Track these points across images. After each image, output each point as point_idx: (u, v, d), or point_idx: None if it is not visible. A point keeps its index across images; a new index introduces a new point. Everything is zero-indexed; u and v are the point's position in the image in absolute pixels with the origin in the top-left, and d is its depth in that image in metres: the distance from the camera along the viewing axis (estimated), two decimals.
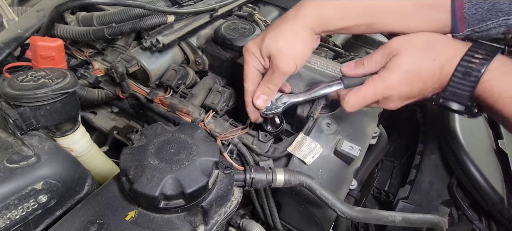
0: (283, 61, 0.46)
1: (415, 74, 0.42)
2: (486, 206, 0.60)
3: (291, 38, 0.47)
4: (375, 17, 0.46)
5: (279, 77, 0.48)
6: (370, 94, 0.44)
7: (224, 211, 0.43)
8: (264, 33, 0.49)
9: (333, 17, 0.46)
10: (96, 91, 0.64)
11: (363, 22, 0.46)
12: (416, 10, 0.44)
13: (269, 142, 0.56)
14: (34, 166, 0.40)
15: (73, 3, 0.57)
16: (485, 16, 0.42)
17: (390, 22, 0.46)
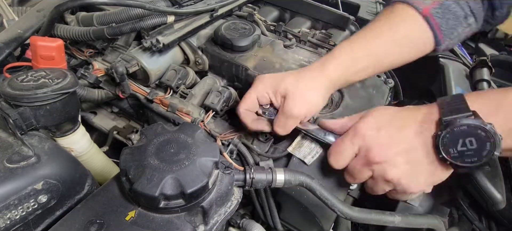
0: (295, 104, 0.47)
1: (391, 114, 0.43)
2: (486, 206, 0.59)
3: (311, 86, 0.48)
4: (379, 64, 0.52)
5: (286, 120, 0.48)
6: (345, 144, 0.44)
7: (224, 211, 0.43)
8: (287, 74, 0.50)
9: (351, 73, 0.50)
10: (96, 91, 0.64)
11: (371, 72, 0.53)
12: (408, 43, 0.51)
13: (269, 142, 0.56)
14: (34, 166, 0.40)
15: (73, 3, 0.57)
16: (453, 24, 0.50)
17: (390, 63, 0.53)
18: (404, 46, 0.51)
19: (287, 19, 0.97)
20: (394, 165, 0.41)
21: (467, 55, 1.16)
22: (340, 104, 0.59)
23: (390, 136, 0.42)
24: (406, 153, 0.41)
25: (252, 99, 0.50)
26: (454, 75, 0.82)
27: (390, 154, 0.41)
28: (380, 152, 0.41)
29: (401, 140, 0.41)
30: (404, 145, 0.41)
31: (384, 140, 0.42)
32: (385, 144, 0.41)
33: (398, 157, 0.41)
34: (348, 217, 0.45)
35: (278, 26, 0.80)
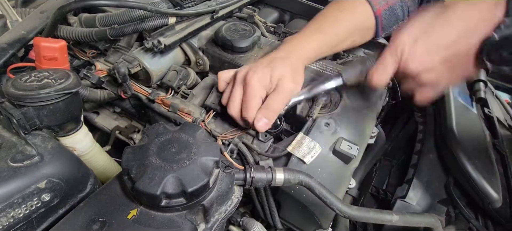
0: (287, 81, 0.53)
1: (427, 22, 0.44)
2: (482, 205, 0.60)
3: (290, 67, 0.55)
4: (335, 47, 0.64)
5: (283, 98, 0.53)
6: (387, 60, 0.46)
7: (225, 209, 0.43)
8: (261, 68, 0.53)
9: (315, 53, 0.61)
10: (98, 92, 0.65)
11: (330, 52, 0.65)
12: (358, 33, 0.65)
13: (269, 141, 0.57)
14: (38, 165, 0.41)
15: (76, 4, 0.58)
16: (392, 24, 0.65)
17: (342, 48, 0.66)
18: (355, 35, 0.63)
19: (287, 21, 0.98)
20: (431, 71, 0.43)
21: None
22: (339, 105, 0.59)
23: (427, 46, 0.43)
24: (442, 61, 0.42)
25: (258, 105, 0.52)
26: None
27: (427, 64, 0.43)
28: (417, 64, 0.43)
29: (438, 50, 0.42)
30: (442, 53, 0.42)
31: (420, 51, 0.43)
32: (422, 55, 0.43)
33: (435, 65, 0.43)
34: (346, 215, 0.45)
35: (278, 28, 0.81)
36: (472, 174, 0.58)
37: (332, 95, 0.62)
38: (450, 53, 0.42)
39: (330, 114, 0.58)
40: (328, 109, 0.59)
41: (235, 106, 0.53)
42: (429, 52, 0.43)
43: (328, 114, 0.58)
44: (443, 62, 0.43)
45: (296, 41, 0.60)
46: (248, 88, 0.52)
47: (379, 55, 0.49)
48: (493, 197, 0.57)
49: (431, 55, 0.43)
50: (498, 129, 0.72)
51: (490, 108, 0.78)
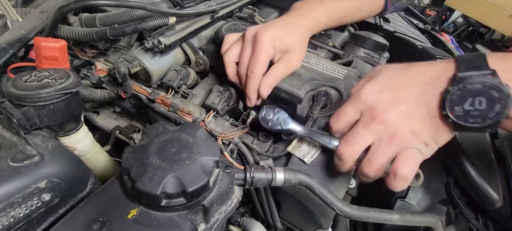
0: (296, 57, 0.55)
1: (391, 76, 0.43)
2: (482, 205, 0.60)
3: (300, 37, 0.56)
4: (344, 20, 0.69)
5: (288, 71, 0.56)
6: (347, 107, 0.44)
7: (225, 209, 0.43)
8: (273, 28, 0.54)
9: (324, 22, 0.62)
10: (98, 92, 0.65)
11: (338, 23, 0.69)
12: (367, 6, 0.71)
13: (269, 141, 0.57)
14: (38, 164, 0.41)
15: (76, 4, 0.58)
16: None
17: (350, 21, 0.72)
18: (364, 10, 0.67)
19: None
20: (396, 122, 0.39)
21: None
22: (339, 104, 0.59)
23: (392, 95, 0.41)
24: (408, 109, 0.39)
25: (266, 59, 0.53)
26: None
27: (392, 111, 0.40)
28: (383, 110, 0.40)
29: (404, 98, 0.40)
30: (407, 103, 0.40)
31: (386, 99, 0.41)
32: (387, 102, 0.40)
33: (400, 113, 0.39)
34: (347, 215, 0.45)
35: None
36: (472, 174, 0.58)
37: (332, 95, 0.61)
38: (411, 105, 0.40)
39: (331, 114, 0.57)
40: (328, 109, 0.59)
41: (243, 64, 0.54)
42: (394, 102, 0.40)
43: (328, 114, 0.58)
44: (407, 113, 0.40)
45: (306, 8, 0.60)
46: (258, 44, 0.52)
47: None
48: (493, 197, 0.57)
49: (396, 104, 0.40)
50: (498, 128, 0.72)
51: None
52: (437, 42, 1.21)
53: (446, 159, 0.66)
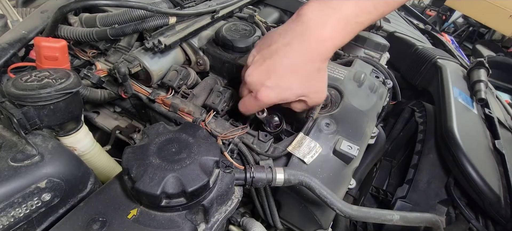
0: (319, 99, 0.49)
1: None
2: (483, 205, 0.60)
3: (322, 82, 0.48)
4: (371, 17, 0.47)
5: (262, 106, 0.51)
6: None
7: (225, 209, 0.43)
8: (278, 87, 0.46)
9: (341, 44, 0.47)
10: (99, 91, 0.65)
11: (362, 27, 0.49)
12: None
13: (269, 141, 0.57)
14: (38, 164, 0.41)
15: (77, 4, 0.58)
16: None
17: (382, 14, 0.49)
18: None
19: None
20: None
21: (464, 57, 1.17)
22: (339, 105, 0.59)
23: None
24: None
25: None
26: (452, 76, 0.83)
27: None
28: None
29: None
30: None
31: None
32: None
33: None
34: (347, 215, 0.45)
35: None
36: (472, 174, 0.58)
37: (332, 95, 0.61)
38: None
39: (331, 115, 0.57)
40: (329, 109, 0.59)
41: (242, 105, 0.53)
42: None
43: (329, 114, 0.58)
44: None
45: (320, 21, 0.43)
46: (259, 103, 0.48)
47: None
48: (493, 197, 0.57)
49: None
50: (498, 129, 0.72)
51: (490, 108, 0.78)
52: (437, 42, 1.21)
53: (446, 159, 0.66)
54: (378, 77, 0.68)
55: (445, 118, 0.69)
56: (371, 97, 0.62)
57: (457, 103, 0.73)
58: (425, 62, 0.94)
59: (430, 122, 0.77)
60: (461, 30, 3.31)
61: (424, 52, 0.97)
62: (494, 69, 1.94)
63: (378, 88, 0.65)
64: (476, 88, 0.80)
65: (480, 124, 0.73)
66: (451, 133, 0.64)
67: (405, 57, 1.03)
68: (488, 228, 0.62)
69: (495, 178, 0.60)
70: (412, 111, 0.86)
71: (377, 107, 0.62)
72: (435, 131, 0.73)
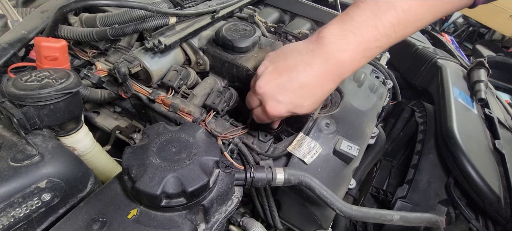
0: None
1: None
2: (483, 205, 0.60)
3: (320, 101, 0.48)
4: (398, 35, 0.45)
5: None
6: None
7: (225, 209, 0.43)
8: (289, 99, 0.45)
9: (359, 67, 0.46)
10: (99, 91, 0.65)
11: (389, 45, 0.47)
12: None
13: (269, 141, 0.57)
14: (38, 164, 0.41)
15: (77, 4, 0.58)
16: None
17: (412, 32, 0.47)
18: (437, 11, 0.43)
19: (287, 21, 0.98)
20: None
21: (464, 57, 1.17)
22: (339, 105, 0.59)
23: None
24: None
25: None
26: (452, 76, 0.83)
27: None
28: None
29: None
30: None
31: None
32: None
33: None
34: (347, 215, 0.45)
35: (278, 28, 0.81)
36: (472, 174, 0.58)
37: (333, 96, 0.61)
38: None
39: (331, 115, 0.57)
40: (329, 109, 0.59)
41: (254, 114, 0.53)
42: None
43: (329, 114, 0.58)
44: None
45: (339, 46, 0.43)
46: (268, 116, 0.48)
47: None
48: (493, 197, 0.57)
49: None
50: (498, 129, 0.72)
51: (490, 108, 0.78)
52: (437, 42, 1.21)
53: (446, 159, 0.66)
54: (378, 77, 0.68)
55: (445, 118, 0.69)
56: (371, 97, 0.62)
57: (457, 103, 0.73)
58: (425, 62, 0.94)
59: (430, 122, 0.77)
60: (461, 30, 3.31)
61: (424, 52, 0.97)
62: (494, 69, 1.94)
63: (378, 88, 0.65)
64: (476, 88, 0.80)
65: (480, 124, 0.73)
66: (451, 133, 0.64)
67: (405, 57, 1.03)
68: (488, 228, 0.62)
69: (495, 178, 0.60)
70: (412, 111, 0.86)
71: (377, 107, 0.62)
72: (435, 131, 0.73)
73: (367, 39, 0.42)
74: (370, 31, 0.42)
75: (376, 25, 0.41)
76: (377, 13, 0.41)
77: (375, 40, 0.42)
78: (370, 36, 0.42)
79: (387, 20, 0.41)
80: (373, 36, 0.42)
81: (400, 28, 0.42)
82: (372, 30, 0.42)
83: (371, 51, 0.43)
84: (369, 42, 0.42)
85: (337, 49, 0.43)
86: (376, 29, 0.42)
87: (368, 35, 0.42)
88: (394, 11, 0.41)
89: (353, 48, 0.42)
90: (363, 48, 0.43)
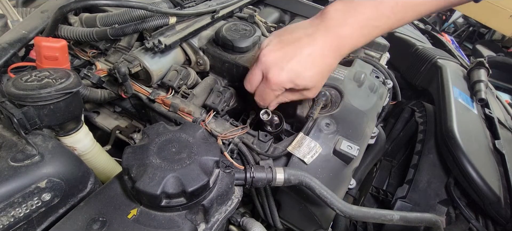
0: (313, 92, 0.51)
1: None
2: (483, 205, 0.60)
3: (323, 72, 0.49)
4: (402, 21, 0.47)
5: (300, 99, 0.53)
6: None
7: (225, 209, 0.43)
8: (291, 65, 0.46)
9: (357, 45, 0.48)
10: (99, 91, 0.65)
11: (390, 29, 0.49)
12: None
13: (269, 141, 0.57)
14: (38, 164, 0.41)
15: (77, 4, 0.58)
16: None
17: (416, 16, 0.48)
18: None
19: (287, 21, 0.98)
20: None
21: (464, 57, 1.17)
22: (339, 105, 0.59)
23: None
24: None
25: (276, 100, 0.52)
26: (452, 76, 0.83)
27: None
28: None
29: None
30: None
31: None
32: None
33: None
34: (347, 215, 0.45)
35: (278, 28, 0.81)
36: (472, 174, 0.58)
37: (332, 95, 0.61)
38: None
39: (331, 115, 0.57)
40: (329, 109, 0.59)
41: (255, 92, 0.52)
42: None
43: (329, 114, 0.58)
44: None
45: (342, 19, 0.45)
46: (270, 85, 0.48)
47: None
48: (493, 197, 0.57)
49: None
50: (498, 129, 0.72)
51: (490, 108, 0.78)
52: (437, 42, 1.21)
53: (446, 159, 0.66)
54: (378, 77, 0.68)
55: (445, 118, 0.69)
56: (371, 97, 0.62)
57: (457, 103, 0.73)
58: (425, 62, 0.94)
59: (430, 122, 0.77)
60: (461, 30, 3.31)
61: (424, 52, 0.97)
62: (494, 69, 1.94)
63: (378, 88, 0.65)
64: (476, 89, 0.80)
65: (480, 124, 0.73)
66: (451, 133, 0.64)
67: (405, 57, 1.03)
68: (488, 228, 0.62)
69: (495, 178, 0.60)
70: (412, 111, 0.86)
71: (377, 107, 0.62)
72: (435, 131, 0.73)
73: (366, 16, 0.45)
74: (370, 10, 0.45)
75: (377, 5, 0.44)
76: None
77: (375, 19, 0.45)
78: (369, 14, 0.45)
79: (387, 1, 0.44)
80: (372, 14, 0.45)
81: (399, 10, 0.45)
82: (373, 9, 0.45)
83: (369, 29, 0.46)
84: (368, 20, 0.45)
85: (338, 23, 0.46)
86: (376, 9, 0.45)
87: (368, 13, 0.45)
88: None
89: (353, 24, 0.45)
90: (362, 25, 0.45)
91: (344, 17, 0.45)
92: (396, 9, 0.44)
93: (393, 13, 0.45)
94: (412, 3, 0.44)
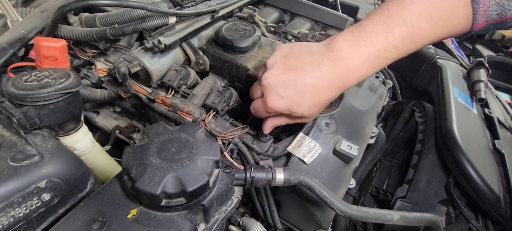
0: (309, 119, 0.50)
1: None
2: (483, 205, 0.60)
3: (322, 106, 0.49)
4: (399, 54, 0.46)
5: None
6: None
7: (225, 209, 0.43)
8: (290, 97, 0.46)
9: (365, 76, 0.47)
10: (98, 91, 0.65)
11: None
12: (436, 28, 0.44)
13: (269, 141, 0.57)
14: (38, 164, 0.41)
15: (76, 4, 0.58)
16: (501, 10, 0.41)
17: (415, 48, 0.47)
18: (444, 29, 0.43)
19: (287, 21, 0.98)
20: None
21: (464, 56, 1.17)
22: (339, 105, 0.59)
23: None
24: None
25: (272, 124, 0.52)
26: (451, 76, 0.83)
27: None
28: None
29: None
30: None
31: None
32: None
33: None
34: (347, 215, 0.45)
35: (278, 28, 0.81)
36: (472, 174, 0.58)
37: None
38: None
39: (330, 114, 0.57)
40: (329, 109, 0.59)
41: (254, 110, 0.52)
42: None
43: (328, 114, 0.58)
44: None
45: (347, 54, 0.44)
46: (268, 110, 0.47)
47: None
48: (493, 197, 0.57)
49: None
50: (498, 129, 0.72)
51: (490, 108, 0.78)
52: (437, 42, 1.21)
53: (446, 159, 0.66)
54: (378, 77, 0.69)
55: (445, 118, 0.69)
56: (371, 97, 0.62)
57: (457, 103, 0.73)
58: (425, 62, 0.94)
59: (430, 122, 0.77)
60: None
61: (424, 52, 0.97)
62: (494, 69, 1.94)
63: (378, 88, 0.65)
64: (476, 88, 0.80)
65: (480, 124, 0.73)
66: (451, 133, 0.64)
67: (405, 57, 1.03)
68: (488, 228, 0.62)
69: (495, 178, 0.60)
70: (412, 111, 0.86)
71: (377, 107, 0.62)
72: (435, 131, 0.73)
73: (377, 48, 0.43)
74: (381, 41, 0.43)
75: (387, 36, 0.43)
76: (389, 25, 0.43)
77: (385, 51, 0.43)
78: (380, 46, 0.43)
79: (398, 33, 0.42)
80: (383, 46, 0.43)
81: (408, 42, 0.43)
82: (384, 40, 0.43)
83: (379, 61, 0.44)
84: (379, 52, 0.43)
85: (347, 55, 0.44)
86: (387, 40, 0.43)
87: (379, 44, 0.43)
88: (404, 26, 0.42)
89: (363, 56, 0.43)
90: (372, 57, 0.44)
91: (354, 49, 0.43)
92: (406, 41, 0.43)
93: (403, 45, 0.43)
94: (419, 36, 0.43)
